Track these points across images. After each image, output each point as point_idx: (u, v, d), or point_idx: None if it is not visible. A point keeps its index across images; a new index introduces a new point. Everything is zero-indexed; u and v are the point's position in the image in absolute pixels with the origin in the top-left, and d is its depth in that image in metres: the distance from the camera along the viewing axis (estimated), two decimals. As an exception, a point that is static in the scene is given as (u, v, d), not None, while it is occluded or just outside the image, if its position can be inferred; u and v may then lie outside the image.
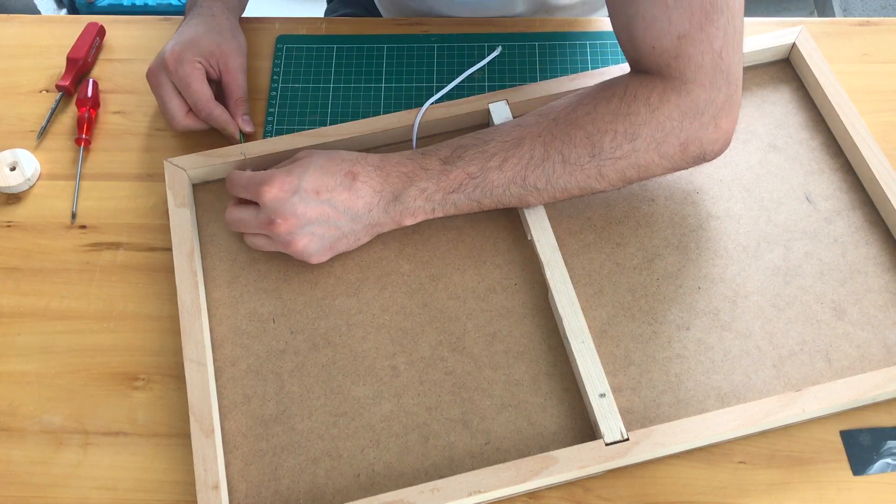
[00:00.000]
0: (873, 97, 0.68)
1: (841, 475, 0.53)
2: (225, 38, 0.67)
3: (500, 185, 0.56)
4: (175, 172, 0.64)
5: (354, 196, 0.56)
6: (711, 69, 0.53)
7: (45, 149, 0.70)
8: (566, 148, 0.55)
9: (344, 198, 0.56)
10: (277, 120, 0.70)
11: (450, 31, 0.75)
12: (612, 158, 0.55)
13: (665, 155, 0.55)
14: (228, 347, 0.58)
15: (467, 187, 0.56)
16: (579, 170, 0.55)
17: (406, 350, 0.57)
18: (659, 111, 0.54)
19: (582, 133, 0.55)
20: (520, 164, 0.56)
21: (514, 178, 0.56)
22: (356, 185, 0.56)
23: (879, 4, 1.42)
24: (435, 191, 0.57)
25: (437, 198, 0.57)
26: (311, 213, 0.56)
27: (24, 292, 0.62)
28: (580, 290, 0.59)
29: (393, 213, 0.57)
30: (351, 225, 0.57)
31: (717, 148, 0.57)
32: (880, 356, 0.55)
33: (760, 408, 0.52)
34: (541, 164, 0.55)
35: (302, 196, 0.55)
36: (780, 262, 0.59)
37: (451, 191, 0.56)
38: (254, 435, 0.54)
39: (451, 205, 0.57)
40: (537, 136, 0.56)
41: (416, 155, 0.58)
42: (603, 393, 0.53)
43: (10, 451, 0.56)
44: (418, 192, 0.57)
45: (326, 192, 0.56)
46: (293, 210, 0.55)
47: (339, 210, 0.56)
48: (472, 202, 0.57)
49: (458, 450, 0.53)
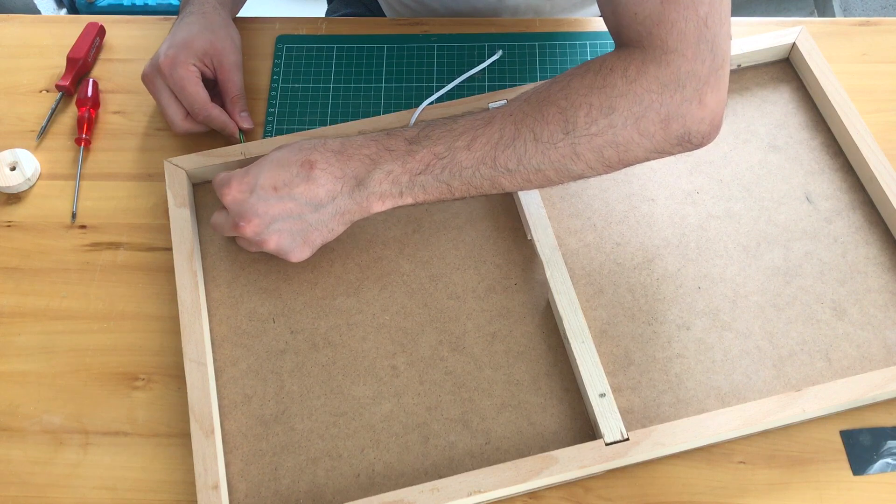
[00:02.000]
0: (873, 97, 0.68)
1: (841, 475, 0.53)
2: (218, 35, 0.67)
3: (469, 166, 0.53)
4: (175, 172, 0.64)
5: (314, 185, 0.54)
6: (695, 38, 0.49)
7: (45, 149, 0.70)
8: (538, 125, 0.52)
9: (302, 189, 0.54)
10: (277, 120, 0.70)
11: (450, 31, 0.75)
12: (588, 135, 0.51)
13: (645, 132, 0.51)
14: (228, 347, 0.58)
15: (434, 168, 0.53)
16: (552, 148, 0.51)
17: (406, 350, 0.57)
18: (637, 83, 0.50)
19: (554, 109, 0.51)
20: (489, 144, 0.52)
21: (483, 159, 0.52)
22: (314, 174, 0.54)
23: (879, 4, 1.42)
24: (401, 173, 0.54)
25: (404, 180, 0.54)
26: (273, 211, 0.54)
27: (24, 292, 0.62)
28: (580, 290, 0.59)
29: (359, 198, 0.55)
30: (316, 215, 0.55)
31: (703, 129, 0.52)
32: (880, 356, 0.55)
33: (760, 408, 0.52)
34: (511, 142, 0.52)
35: (259, 195, 0.54)
36: (780, 262, 0.59)
37: (417, 172, 0.53)
38: (254, 435, 0.54)
39: (419, 187, 0.54)
40: (508, 115, 0.53)
41: (380, 136, 0.55)
42: (603, 393, 0.53)
43: (10, 450, 0.56)
44: (383, 174, 0.54)
45: (284, 188, 0.54)
46: (254, 210, 0.54)
47: (300, 202, 0.54)
48: (440, 184, 0.54)
49: (458, 450, 0.53)
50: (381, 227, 0.63)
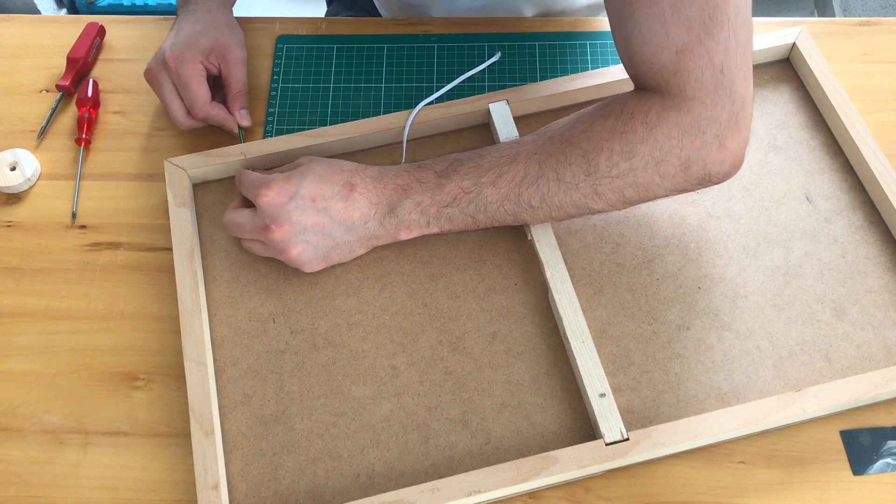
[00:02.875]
0: (873, 97, 0.68)
1: (841, 475, 0.53)
2: (223, 32, 0.67)
3: (494, 202, 0.55)
4: (175, 172, 0.64)
5: (351, 207, 0.56)
6: (712, 85, 0.51)
7: (46, 149, 0.70)
8: (561, 166, 0.54)
9: (340, 208, 0.56)
10: (277, 120, 0.70)
11: (450, 31, 0.75)
12: (609, 177, 0.53)
13: (665, 175, 0.53)
14: (228, 347, 0.58)
15: (461, 202, 0.56)
16: (574, 188, 0.54)
17: (406, 350, 0.57)
18: (657, 129, 0.52)
19: (577, 151, 0.54)
20: (514, 181, 0.55)
21: (507, 195, 0.55)
22: (353, 196, 0.56)
23: (879, 4, 1.42)
24: (430, 204, 0.56)
25: (432, 211, 0.56)
26: (307, 221, 0.56)
27: (24, 292, 0.62)
28: (580, 290, 0.59)
29: (389, 226, 0.57)
30: (345, 236, 0.57)
31: (723, 169, 0.54)
32: (880, 356, 0.55)
33: (760, 408, 0.52)
34: (535, 181, 0.54)
35: (298, 203, 0.55)
36: (780, 261, 0.59)
37: (445, 204, 0.56)
38: (254, 435, 0.54)
39: (445, 219, 0.57)
40: (532, 154, 0.55)
41: (412, 168, 0.58)
42: (603, 393, 0.53)
43: (10, 450, 0.56)
44: (413, 204, 0.56)
45: (323, 201, 0.56)
46: (288, 217, 0.55)
47: (334, 220, 0.56)
48: (466, 217, 0.56)
49: (458, 450, 0.53)
50: (381, 227, 0.63)
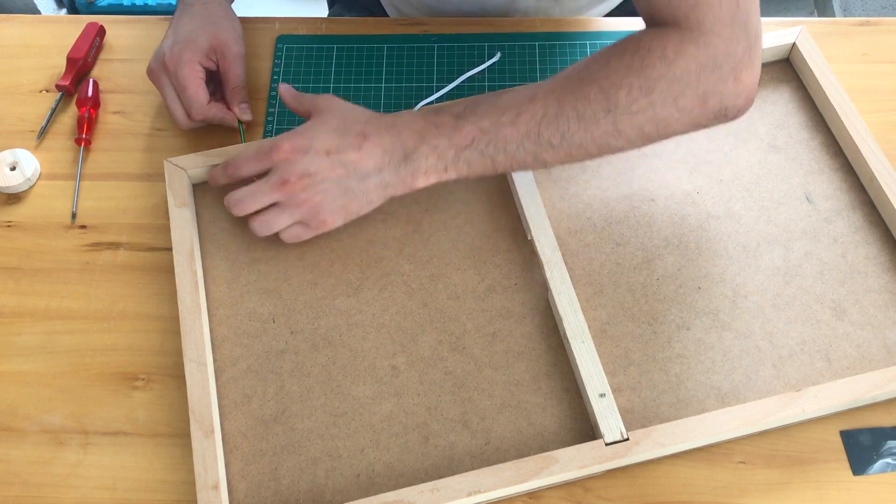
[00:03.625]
0: (873, 97, 0.68)
1: (841, 475, 0.53)
2: (221, 27, 0.67)
3: (514, 141, 0.55)
4: (175, 172, 0.64)
5: (364, 156, 0.56)
6: (730, 19, 0.51)
7: (45, 149, 0.70)
8: (580, 103, 0.53)
9: (354, 157, 0.56)
10: (277, 119, 0.70)
11: (450, 31, 0.75)
12: (629, 113, 0.53)
13: (683, 109, 0.53)
14: (228, 347, 0.58)
15: (480, 143, 0.55)
16: (595, 125, 0.54)
17: (406, 350, 0.57)
18: (675, 64, 0.52)
19: (595, 88, 0.53)
20: (533, 120, 0.54)
21: (527, 134, 0.54)
22: (366, 145, 0.56)
23: (879, 4, 1.42)
24: (447, 147, 0.55)
25: (450, 155, 0.55)
26: (324, 172, 0.56)
27: (24, 292, 0.62)
28: (580, 290, 0.59)
29: (403, 173, 0.56)
30: (361, 185, 0.57)
31: (739, 103, 0.54)
32: (880, 356, 0.55)
33: (760, 408, 0.52)
34: (555, 119, 0.54)
35: (313, 156, 0.56)
36: (780, 262, 0.59)
37: (463, 147, 0.55)
38: (254, 435, 0.54)
39: (463, 162, 0.56)
40: (551, 92, 0.55)
41: (428, 112, 0.57)
42: (603, 393, 0.53)
43: (10, 451, 0.56)
44: (430, 149, 0.56)
45: (337, 153, 0.56)
46: (306, 168, 0.56)
47: (349, 170, 0.56)
48: (485, 159, 0.55)
49: (458, 450, 0.53)
50: (381, 227, 0.63)
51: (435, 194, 0.64)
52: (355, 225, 0.62)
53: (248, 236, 0.63)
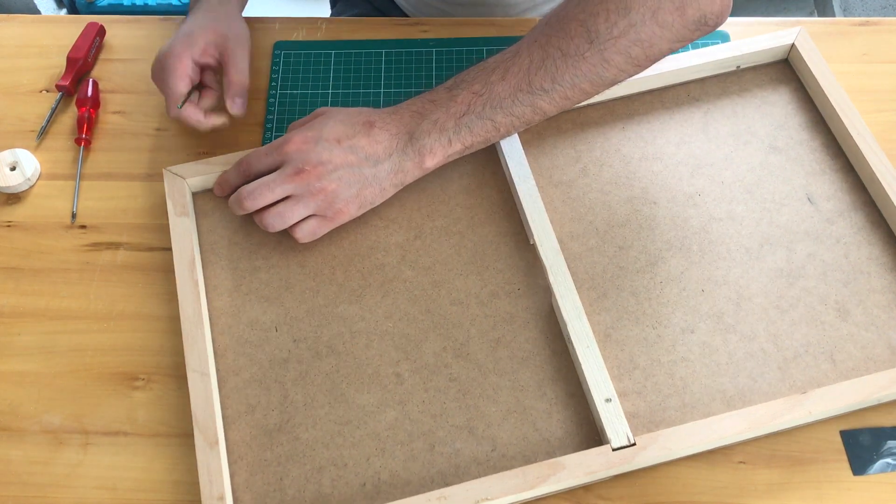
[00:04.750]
0: (873, 97, 0.68)
1: (841, 475, 0.53)
2: (222, 25, 0.65)
3: (508, 96, 0.56)
4: (174, 181, 0.63)
5: (374, 141, 0.57)
6: None
7: (45, 149, 0.70)
8: (563, 41, 0.55)
9: (364, 143, 0.57)
10: (276, 126, 0.70)
11: (449, 33, 0.74)
12: (611, 39, 0.54)
13: (664, 24, 0.54)
14: (231, 357, 0.58)
15: (476, 106, 0.56)
16: (581, 60, 0.55)
17: (410, 357, 0.57)
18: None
19: (574, 23, 0.55)
20: (521, 70, 0.56)
21: (518, 86, 0.56)
22: (374, 132, 0.58)
23: (879, 4, 1.43)
24: (446, 119, 0.57)
25: (450, 126, 0.57)
26: (337, 160, 0.57)
27: (24, 292, 0.62)
28: (583, 295, 0.58)
29: (412, 153, 0.58)
30: (374, 170, 0.58)
31: (716, 9, 0.56)
32: (885, 357, 0.55)
33: (766, 410, 0.52)
34: (542, 64, 0.55)
35: (324, 145, 0.57)
36: (782, 263, 0.59)
37: (461, 114, 0.57)
38: (258, 445, 0.54)
39: (465, 130, 0.57)
40: (533, 42, 0.56)
41: (424, 93, 0.59)
42: (609, 398, 0.53)
43: (10, 450, 0.56)
44: (430, 125, 0.57)
45: (347, 140, 0.57)
46: (319, 157, 0.56)
47: (360, 156, 0.57)
48: (484, 122, 0.57)
49: (463, 457, 0.53)
50: (382, 233, 0.62)
51: (436, 199, 0.64)
52: (356, 231, 0.62)
53: (249, 245, 0.62)
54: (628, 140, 0.66)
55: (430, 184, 0.64)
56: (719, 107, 0.67)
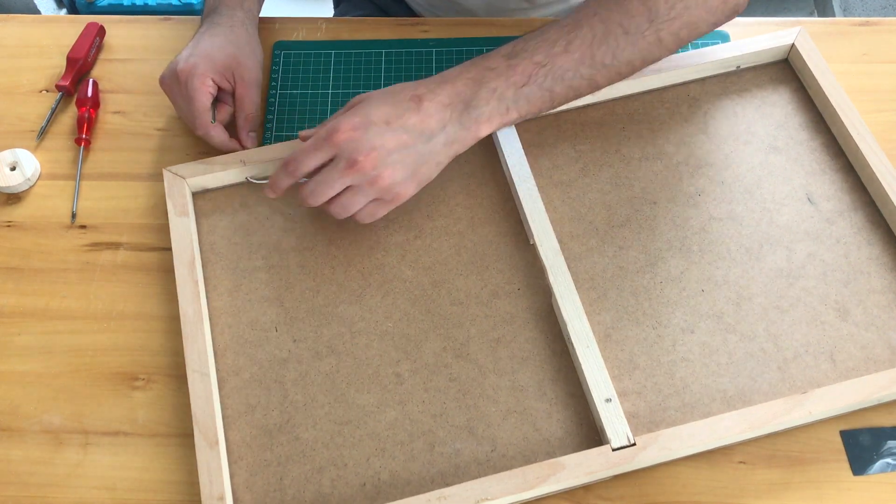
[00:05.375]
0: (873, 97, 0.68)
1: (841, 475, 0.53)
2: (243, 51, 0.66)
3: (571, 68, 0.57)
4: (174, 181, 0.63)
5: (425, 116, 0.56)
6: None
7: (45, 149, 0.70)
8: (625, 19, 0.56)
9: (415, 120, 0.55)
10: (276, 126, 0.70)
11: (449, 33, 0.74)
12: (668, 20, 0.57)
13: (710, 9, 0.58)
14: (231, 357, 0.58)
15: (537, 77, 0.56)
16: (640, 38, 0.57)
17: (410, 357, 0.57)
18: None
19: (636, 2, 0.57)
20: (584, 44, 0.56)
21: (581, 59, 0.57)
22: (423, 106, 0.56)
23: (879, 4, 1.43)
24: (505, 88, 0.56)
25: (509, 95, 0.57)
26: (389, 144, 0.55)
27: (24, 292, 0.62)
28: (583, 295, 0.58)
29: (467, 123, 0.57)
30: (427, 146, 0.56)
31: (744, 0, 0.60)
32: (885, 356, 0.55)
33: (767, 411, 0.52)
34: (604, 39, 0.57)
35: (375, 130, 0.55)
36: (782, 263, 0.59)
37: (521, 84, 0.56)
38: (258, 445, 0.54)
39: (523, 100, 0.57)
40: (594, 15, 0.57)
41: (476, 60, 0.58)
42: (609, 398, 0.53)
43: (10, 450, 0.56)
44: (489, 93, 0.56)
45: (397, 120, 0.55)
46: (371, 144, 0.54)
47: (412, 134, 0.56)
48: (543, 93, 0.57)
49: (464, 457, 0.53)
50: (382, 233, 0.62)
51: (436, 199, 0.64)
52: (356, 231, 0.62)
53: (249, 245, 0.62)
54: (628, 140, 0.66)
55: (430, 184, 0.64)
56: (719, 107, 0.67)
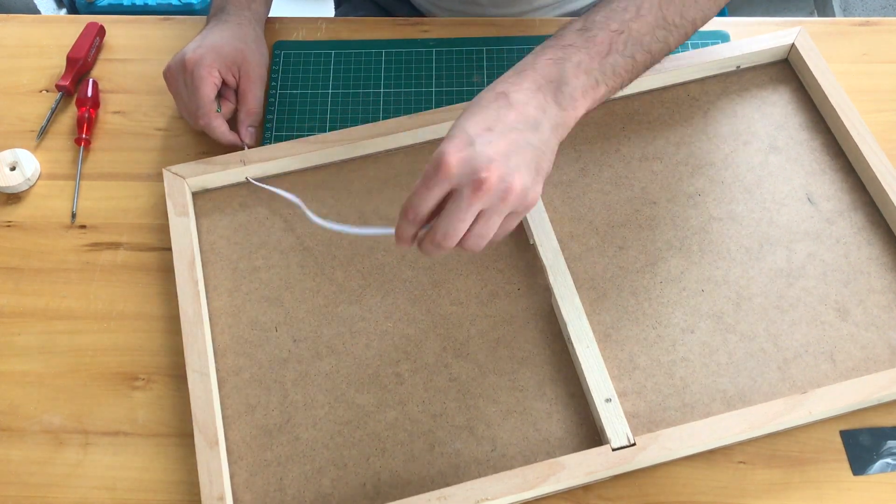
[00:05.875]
0: (873, 97, 0.68)
1: (841, 475, 0.53)
2: (249, 48, 0.67)
3: (648, 32, 0.56)
4: (174, 181, 0.63)
5: (521, 107, 0.51)
6: None
7: (45, 149, 0.70)
8: None
9: (513, 117, 0.51)
10: (276, 126, 0.70)
11: (449, 33, 0.74)
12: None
13: None
14: (231, 357, 0.58)
15: (618, 44, 0.55)
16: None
17: (410, 357, 0.57)
18: None
19: None
20: (654, 7, 0.56)
21: (656, 22, 0.56)
22: (514, 98, 0.51)
23: (879, 4, 1.43)
24: (589, 60, 0.54)
25: (595, 66, 0.54)
26: (503, 148, 0.50)
27: (24, 292, 0.62)
28: (583, 295, 0.58)
29: (564, 102, 0.53)
30: (538, 136, 0.51)
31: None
32: (885, 356, 0.55)
33: (766, 411, 0.52)
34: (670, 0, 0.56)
35: (480, 141, 0.50)
36: (782, 263, 0.59)
37: (605, 54, 0.54)
38: (258, 445, 0.54)
39: (610, 71, 0.54)
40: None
41: (547, 42, 0.55)
42: (609, 398, 0.53)
43: (10, 451, 0.56)
44: (574, 67, 0.53)
45: (497, 123, 0.50)
46: (486, 156, 0.49)
47: (518, 129, 0.51)
48: (626, 60, 0.55)
49: (464, 457, 0.53)
50: (382, 233, 0.62)
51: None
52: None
53: (249, 245, 0.62)
54: (628, 140, 0.66)
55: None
56: (719, 107, 0.67)
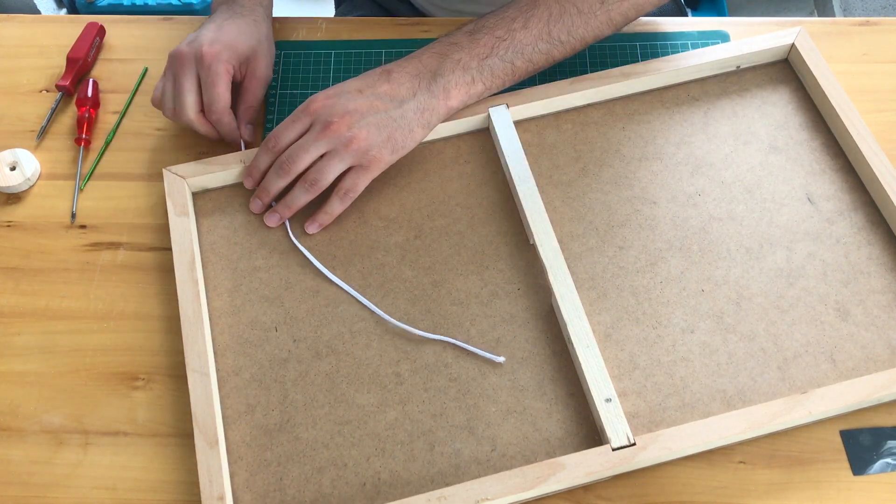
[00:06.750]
0: (873, 97, 0.68)
1: (841, 475, 0.53)
2: (262, 47, 0.68)
3: (529, 43, 0.61)
4: (174, 181, 0.63)
5: (394, 85, 0.60)
6: None
7: (45, 149, 0.70)
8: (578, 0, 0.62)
9: (385, 88, 0.60)
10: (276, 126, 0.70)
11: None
12: (618, 1, 0.62)
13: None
14: (231, 357, 0.58)
15: (499, 50, 0.61)
16: (593, 17, 0.62)
17: (410, 357, 0.57)
18: None
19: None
20: (541, 21, 0.61)
21: (539, 35, 0.61)
22: (393, 76, 0.61)
23: (879, 4, 1.43)
24: (469, 59, 0.61)
25: (473, 65, 0.61)
26: (362, 108, 0.59)
27: (24, 292, 0.62)
28: (583, 295, 0.58)
29: (436, 90, 0.61)
30: (400, 111, 0.60)
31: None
32: (885, 356, 0.55)
33: (766, 410, 0.52)
34: (560, 17, 0.62)
35: (347, 96, 0.60)
36: (782, 263, 0.59)
37: (484, 56, 0.61)
38: (258, 445, 0.54)
39: (487, 71, 0.62)
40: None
41: (440, 38, 0.63)
42: (609, 398, 0.53)
43: (10, 450, 0.56)
44: (454, 63, 0.61)
45: (368, 89, 0.60)
46: (345, 108, 0.59)
47: (384, 100, 0.60)
48: (505, 65, 0.62)
49: (463, 457, 0.53)
50: (382, 233, 0.62)
51: (436, 199, 0.64)
52: (356, 231, 0.62)
53: (249, 245, 0.62)
54: (628, 140, 0.66)
55: (430, 184, 0.64)
56: (719, 107, 0.67)
